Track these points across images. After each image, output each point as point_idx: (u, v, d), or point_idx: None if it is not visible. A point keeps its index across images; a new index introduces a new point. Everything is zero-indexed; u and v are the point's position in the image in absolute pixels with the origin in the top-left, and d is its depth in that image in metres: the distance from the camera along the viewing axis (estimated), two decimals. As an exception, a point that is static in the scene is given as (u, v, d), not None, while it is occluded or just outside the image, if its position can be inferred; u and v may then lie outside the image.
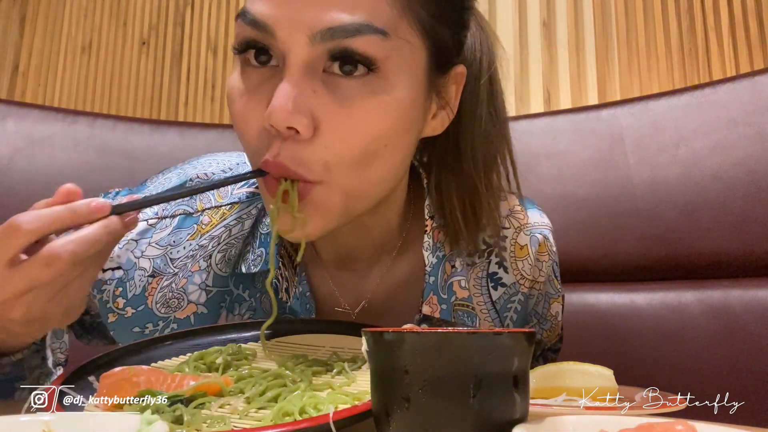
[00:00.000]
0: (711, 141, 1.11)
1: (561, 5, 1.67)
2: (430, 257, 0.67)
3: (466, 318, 0.68)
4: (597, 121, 1.22)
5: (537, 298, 0.73)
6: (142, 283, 0.67)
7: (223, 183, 0.58)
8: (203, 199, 0.70)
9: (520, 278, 0.70)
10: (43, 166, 1.27)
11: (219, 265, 0.67)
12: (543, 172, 1.22)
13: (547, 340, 0.77)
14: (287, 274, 0.66)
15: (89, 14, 2.15)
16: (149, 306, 0.66)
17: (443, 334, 0.38)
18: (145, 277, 0.67)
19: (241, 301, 0.68)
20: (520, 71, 1.67)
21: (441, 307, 0.67)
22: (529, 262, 0.70)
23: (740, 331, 1.04)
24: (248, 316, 0.69)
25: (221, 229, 0.67)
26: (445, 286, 0.68)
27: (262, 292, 0.68)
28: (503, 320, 0.70)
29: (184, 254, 0.67)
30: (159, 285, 0.66)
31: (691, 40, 1.53)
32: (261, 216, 0.68)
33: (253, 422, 0.44)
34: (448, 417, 0.36)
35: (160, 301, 0.66)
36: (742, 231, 1.07)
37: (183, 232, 0.68)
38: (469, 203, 0.64)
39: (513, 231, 0.70)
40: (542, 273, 0.71)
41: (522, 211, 0.72)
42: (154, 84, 2.04)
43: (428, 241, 0.67)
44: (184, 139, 1.32)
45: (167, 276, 0.67)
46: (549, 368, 0.55)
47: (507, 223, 0.71)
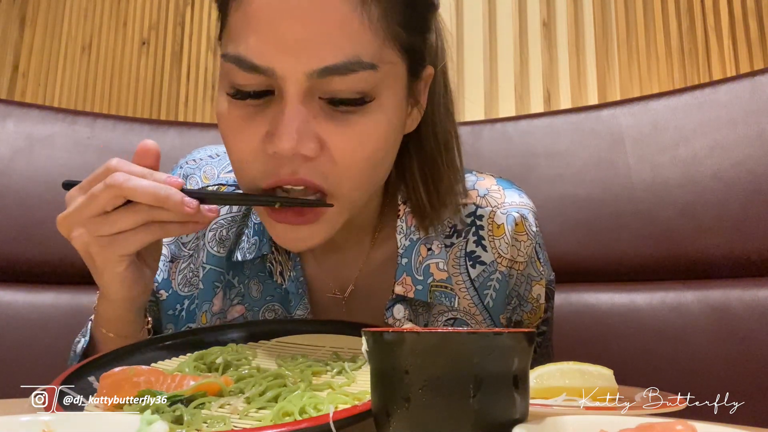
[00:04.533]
0: (711, 141, 1.11)
1: (561, 5, 1.67)
2: (402, 240, 0.70)
3: (444, 298, 0.70)
4: (597, 121, 1.22)
5: (518, 279, 0.74)
6: (166, 268, 0.74)
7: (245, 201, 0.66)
8: (190, 181, 0.76)
9: (497, 257, 0.71)
10: (43, 166, 1.27)
11: (210, 243, 0.73)
12: (543, 172, 1.22)
13: (528, 322, 0.77)
14: (281, 258, 0.71)
15: (89, 14, 2.15)
16: (174, 288, 0.74)
17: (443, 334, 0.38)
18: (166, 262, 0.74)
19: (231, 287, 0.72)
20: (520, 71, 1.67)
21: (416, 288, 0.69)
22: (506, 240, 0.71)
23: (740, 331, 1.04)
24: (237, 302, 0.73)
25: None
26: (421, 268, 0.70)
27: (249, 278, 0.72)
28: (483, 298, 0.71)
29: (191, 236, 0.75)
30: (178, 268, 0.74)
31: (691, 40, 1.53)
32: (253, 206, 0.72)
33: (253, 422, 0.44)
34: (448, 417, 0.36)
35: (182, 282, 0.74)
36: (742, 231, 1.07)
37: None
38: (431, 179, 0.68)
39: (489, 210, 0.72)
40: (521, 253, 0.72)
41: (499, 191, 0.74)
42: (154, 84, 2.04)
43: (401, 225, 0.71)
44: (184, 139, 1.31)
45: (183, 259, 0.74)
46: (549, 368, 0.55)
47: (484, 202, 0.73)
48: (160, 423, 0.38)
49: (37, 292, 1.22)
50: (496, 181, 0.76)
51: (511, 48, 1.69)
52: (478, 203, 0.73)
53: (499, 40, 1.71)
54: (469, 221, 0.72)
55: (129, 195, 0.55)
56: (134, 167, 0.58)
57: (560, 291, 1.17)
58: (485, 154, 1.27)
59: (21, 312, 1.21)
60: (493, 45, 1.71)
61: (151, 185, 0.56)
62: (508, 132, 1.28)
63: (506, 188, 0.76)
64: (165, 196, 0.56)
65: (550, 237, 1.19)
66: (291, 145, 0.54)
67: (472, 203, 0.73)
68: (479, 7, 1.74)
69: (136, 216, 0.56)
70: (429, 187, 0.68)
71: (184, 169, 0.78)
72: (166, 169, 0.83)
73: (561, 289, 1.17)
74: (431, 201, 0.68)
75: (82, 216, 0.57)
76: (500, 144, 1.27)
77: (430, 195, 0.68)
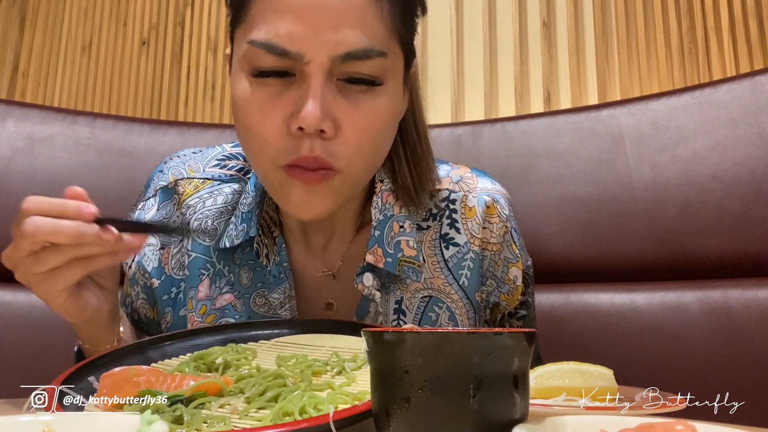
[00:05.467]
0: (711, 141, 1.11)
1: (561, 5, 1.67)
2: (377, 214, 0.75)
3: (411, 273, 0.75)
4: (597, 121, 1.22)
5: (493, 260, 0.78)
6: (156, 256, 0.78)
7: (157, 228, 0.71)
8: (174, 171, 0.81)
9: (470, 237, 0.76)
10: (43, 166, 1.27)
11: (196, 232, 0.77)
12: (543, 172, 1.22)
13: (506, 304, 0.80)
14: (267, 242, 0.75)
15: (89, 14, 2.15)
16: (168, 273, 0.77)
17: (443, 334, 0.38)
18: (156, 250, 0.78)
19: (221, 276, 0.76)
20: (520, 71, 1.67)
21: (386, 260, 0.74)
22: (477, 221, 0.76)
23: (740, 331, 1.04)
24: (226, 290, 0.75)
25: (195, 199, 0.78)
26: (392, 243, 0.75)
27: (240, 267, 0.76)
28: (457, 279, 0.76)
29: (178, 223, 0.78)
30: (170, 254, 0.78)
31: (691, 40, 1.53)
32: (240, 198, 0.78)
33: (253, 422, 0.44)
34: (448, 417, 0.36)
35: (175, 266, 0.77)
36: (742, 231, 1.07)
37: (168, 204, 0.79)
38: (413, 161, 0.75)
39: (462, 194, 0.78)
40: (494, 234, 0.77)
41: (472, 178, 0.80)
42: (154, 84, 2.04)
43: (377, 201, 0.76)
44: (184, 139, 1.32)
45: (174, 245, 0.78)
46: (549, 368, 0.55)
47: (457, 187, 0.79)
48: (160, 423, 0.38)
49: (37, 292, 1.22)
50: (470, 170, 0.82)
51: (511, 48, 1.69)
52: (452, 188, 0.78)
53: (499, 40, 1.71)
54: (443, 205, 0.77)
55: (46, 239, 0.57)
56: (45, 204, 0.59)
57: (560, 291, 1.17)
58: (485, 154, 1.27)
59: (21, 312, 1.21)
60: (493, 45, 1.71)
61: (63, 226, 0.57)
62: (508, 132, 1.28)
63: (479, 176, 0.81)
64: (80, 234, 0.58)
65: (550, 237, 1.19)
66: (316, 120, 0.60)
67: (446, 189, 0.78)
68: (479, 7, 1.74)
69: (61, 255, 0.58)
70: (412, 170, 0.75)
71: (168, 164, 0.82)
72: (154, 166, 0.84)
73: (561, 289, 1.17)
74: (414, 183, 0.74)
75: (15, 257, 0.59)
76: (500, 144, 1.27)
77: (413, 177, 0.74)
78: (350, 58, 0.61)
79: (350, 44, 0.61)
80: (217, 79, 1.98)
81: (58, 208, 0.58)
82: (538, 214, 1.20)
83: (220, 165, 0.81)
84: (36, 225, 0.57)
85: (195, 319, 0.75)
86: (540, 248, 1.19)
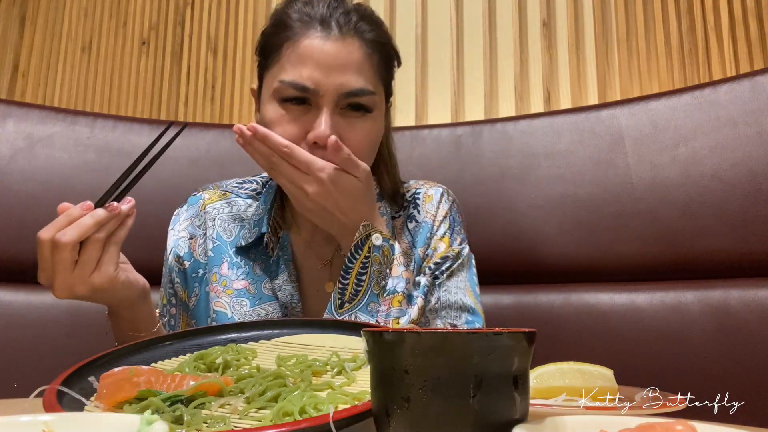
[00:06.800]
0: (711, 141, 1.12)
1: (561, 5, 1.67)
2: None
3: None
4: (597, 121, 1.22)
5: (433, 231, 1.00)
6: (187, 245, 0.99)
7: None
8: (203, 186, 1.05)
9: (426, 214, 1.00)
10: (43, 166, 1.27)
11: (218, 229, 0.98)
12: (543, 172, 1.22)
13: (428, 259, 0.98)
14: (274, 239, 0.96)
15: (89, 14, 2.15)
16: (196, 258, 0.98)
17: (443, 334, 0.38)
18: (186, 240, 0.99)
19: (239, 266, 0.95)
20: (520, 71, 1.67)
21: None
22: (433, 204, 1.00)
23: (740, 331, 1.04)
24: (242, 278, 0.93)
25: (217, 204, 1.01)
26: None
27: (253, 261, 0.95)
28: (416, 244, 0.98)
29: (203, 219, 0.99)
30: (197, 243, 0.98)
31: (691, 40, 1.53)
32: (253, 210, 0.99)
33: (253, 422, 0.44)
34: (448, 417, 0.36)
35: (201, 253, 0.97)
36: (742, 231, 1.07)
37: (195, 206, 1.01)
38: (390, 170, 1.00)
39: (424, 190, 1.02)
40: (440, 213, 1.00)
41: (429, 182, 1.05)
42: (154, 84, 2.04)
43: None
44: (184, 139, 1.31)
45: (199, 236, 0.98)
46: (549, 368, 0.55)
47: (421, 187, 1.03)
48: (160, 423, 0.38)
49: (37, 292, 1.22)
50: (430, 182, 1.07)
51: (511, 48, 1.69)
52: (417, 188, 1.03)
53: (499, 40, 1.71)
54: (410, 199, 1.02)
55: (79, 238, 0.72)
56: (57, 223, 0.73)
57: (560, 291, 1.17)
58: (485, 154, 1.27)
59: (21, 312, 1.21)
60: (493, 45, 1.71)
61: (84, 221, 0.73)
62: (508, 132, 1.28)
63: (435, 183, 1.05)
64: (97, 219, 0.73)
65: (550, 237, 1.19)
66: (327, 134, 0.83)
67: (414, 189, 1.03)
68: (479, 7, 1.74)
69: (97, 243, 0.74)
70: (390, 176, 1.00)
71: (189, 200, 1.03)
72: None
73: (561, 289, 1.17)
74: (392, 185, 1.00)
75: (65, 275, 0.72)
76: (500, 144, 1.27)
77: (392, 182, 1.00)
78: (351, 95, 0.86)
79: (351, 85, 0.86)
80: (216, 79, 1.98)
81: (67, 218, 0.73)
82: (538, 214, 1.20)
83: (240, 186, 1.04)
84: (65, 233, 0.71)
85: (218, 289, 0.93)
86: (540, 248, 1.19)
